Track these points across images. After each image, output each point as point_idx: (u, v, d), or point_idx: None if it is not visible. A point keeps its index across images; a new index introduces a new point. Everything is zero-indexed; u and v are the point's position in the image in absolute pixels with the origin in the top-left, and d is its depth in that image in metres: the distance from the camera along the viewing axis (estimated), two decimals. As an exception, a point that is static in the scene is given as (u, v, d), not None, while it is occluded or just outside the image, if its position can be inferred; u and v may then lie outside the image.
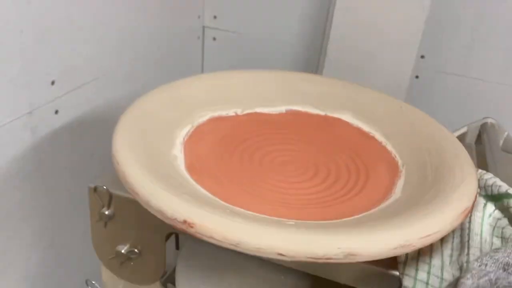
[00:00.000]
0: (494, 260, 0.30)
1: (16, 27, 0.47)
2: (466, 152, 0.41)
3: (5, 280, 0.55)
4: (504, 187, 0.42)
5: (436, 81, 0.86)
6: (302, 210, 0.36)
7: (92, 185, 0.41)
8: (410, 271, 0.34)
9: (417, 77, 0.86)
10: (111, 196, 0.41)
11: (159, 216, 0.30)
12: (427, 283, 0.34)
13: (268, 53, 0.91)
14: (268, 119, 0.50)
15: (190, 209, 0.30)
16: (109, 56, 0.63)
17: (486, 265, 0.30)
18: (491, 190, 0.43)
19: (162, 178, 0.33)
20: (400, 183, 0.40)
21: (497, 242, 0.38)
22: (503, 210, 0.41)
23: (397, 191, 0.39)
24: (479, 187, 0.45)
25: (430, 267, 0.35)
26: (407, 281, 0.34)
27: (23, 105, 0.52)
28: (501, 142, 0.63)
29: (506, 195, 0.42)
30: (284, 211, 0.36)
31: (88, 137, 0.62)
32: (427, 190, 0.36)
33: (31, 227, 0.56)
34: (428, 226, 0.30)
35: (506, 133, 0.63)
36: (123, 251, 0.42)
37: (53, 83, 0.55)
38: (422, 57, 0.84)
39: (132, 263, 0.43)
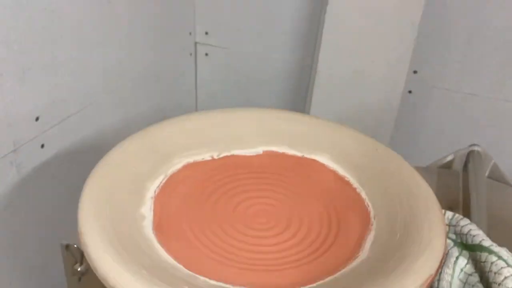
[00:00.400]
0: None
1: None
2: (438, 204, 0.41)
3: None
4: (478, 237, 0.42)
5: (429, 96, 0.85)
6: (265, 274, 0.36)
7: (64, 243, 0.42)
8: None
9: (410, 92, 0.85)
10: (82, 253, 0.41)
11: (116, 296, 0.31)
12: None
13: (260, 69, 0.91)
14: (244, 162, 0.50)
15: (145, 291, 0.30)
16: (96, 84, 0.63)
17: None
18: (466, 238, 0.43)
19: (122, 250, 0.34)
20: (369, 239, 0.40)
21: (467, 300, 0.38)
22: (476, 262, 0.41)
23: (365, 249, 0.39)
24: (455, 233, 0.44)
25: (394, 333, 0.35)
26: None
27: (8, 144, 0.52)
28: (487, 170, 0.62)
29: (479, 247, 0.41)
30: (248, 275, 0.36)
31: (76, 167, 0.63)
32: (392, 252, 0.36)
33: (21, 260, 0.57)
34: (385, 304, 0.30)
35: (492, 161, 0.62)
36: (98, 304, 0.42)
37: (37, 119, 0.56)
38: (415, 72, 0.83)
39: (108, 314, 0.44)
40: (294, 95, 0.91)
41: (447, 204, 0.58)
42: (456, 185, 0.61)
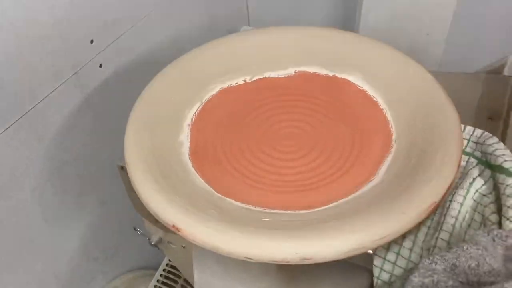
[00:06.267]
0: (443, 260, 0.33)
1: (46, 3, 0.52)
2: (460, 129, 0.41)
3: (85, 204, 0.67)
4: (501, 157, 0.43)
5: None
6: (286, 196, 0.41)
7: (120, 164, 0.49)
8: (381, 251, 0.39)
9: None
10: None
11: (155, 217, 0.37)
12: (394, 263, 0.39)
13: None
14: (276, 84, 0.52)
15: (178, 216, 0.36)
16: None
17: (436, 263, 0.33)
18: (489, 158, 0.44)
19: (161, 178, 0.39)
20: (386, 162, 0.42)
21: (478, 219, 0.41)
22: (495, 183, 0.42)
23: (381, 172, 0.41)
24: (481, 152, 0.45)
25: (400, 248, 0.39)
26: (376, 261, 0.39)
27: (67, 69, 0.58)
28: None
29: (500, 168, 0.42)
30: (270, 197, 0.41)
31: (135, 81, 0.67)
32: (403, 178, 0.39)
33: (90, 173, 0.66)
34: (383, 229, 0.34)
35: (548, 66, 0.58)
36: (154, 212, 0.51)
37: (92, 41, 0.61)
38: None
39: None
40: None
41: (489, 113, 0.57)
42: (503, 93, 0.59)
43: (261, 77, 0.52)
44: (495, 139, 0.45)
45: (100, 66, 0.63)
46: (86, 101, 0.63)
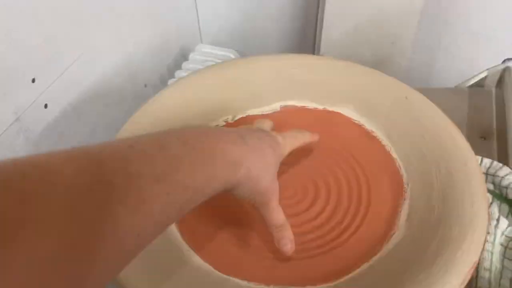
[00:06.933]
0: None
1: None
2: (478, 167, 0.37)
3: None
4: (520, 191, 0.39)
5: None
6: (297, 264, 0.35)
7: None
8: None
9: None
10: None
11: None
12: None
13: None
14: (261, 123, 0.46)
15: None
16: (87, 28, 0.58)
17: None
18: (506, 192, 0.40)
19: (151, 264, 0.32)
20: (404, 211, 0.37)
21: (509, 266, 0.37)
22: (517, 219, 0.39)
23: (400, 225, 0.37)
24: (493, 183, 0.42)
25: (434, 312, 0.34)
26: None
27: (9, 114, 0.50)
28: (525, 88, 0.57)
29: (522, 204, 0.39)
30: (280, 269, 0.35)
31: (86, 118, 0.61)
32: (430, 232, 0.34)
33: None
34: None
35: (531, 77, 0.56)
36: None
37: (33, 80, 0.53)
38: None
39: None
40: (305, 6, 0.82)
41: (480, 131, 0.54)
42: (489, 107, 0.57)
43: (244, 115, 0.46)
44: (507, 169, 0.42)
45: (46, 106, 0.55)
46: (33, 148, 0.54)
